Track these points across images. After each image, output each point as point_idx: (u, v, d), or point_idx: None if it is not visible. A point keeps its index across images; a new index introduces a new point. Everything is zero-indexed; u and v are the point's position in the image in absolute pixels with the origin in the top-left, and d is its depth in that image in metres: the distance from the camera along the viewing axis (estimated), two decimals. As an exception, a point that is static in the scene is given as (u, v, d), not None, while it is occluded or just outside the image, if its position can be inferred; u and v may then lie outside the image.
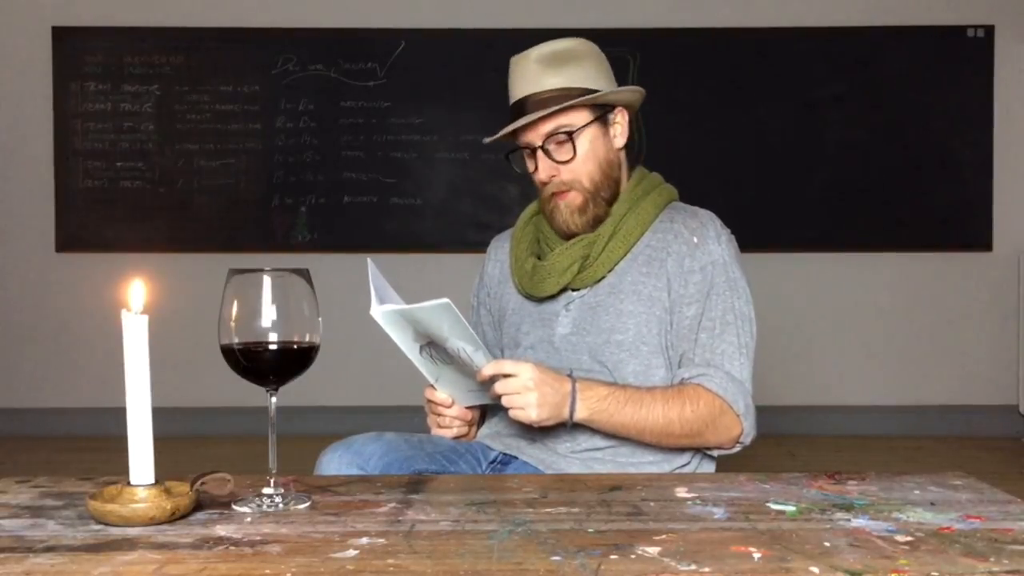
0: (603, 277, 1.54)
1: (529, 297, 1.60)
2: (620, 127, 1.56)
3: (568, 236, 1.56)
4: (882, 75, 4.54)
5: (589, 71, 1.51)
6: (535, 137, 1.51)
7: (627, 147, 1.59)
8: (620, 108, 1.56)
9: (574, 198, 1.52)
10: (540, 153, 1.51)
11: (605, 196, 1.54)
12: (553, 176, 1.51)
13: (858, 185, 4.55)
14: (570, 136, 1.49)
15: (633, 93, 1.56)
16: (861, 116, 4.55)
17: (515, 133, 1.54)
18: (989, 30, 4.52)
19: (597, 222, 1.54)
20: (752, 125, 4.54)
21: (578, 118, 1.50)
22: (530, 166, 1.56)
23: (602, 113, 1.53)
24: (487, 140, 1.62)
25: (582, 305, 1.55)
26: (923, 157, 4.54)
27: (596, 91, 1.50)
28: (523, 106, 1.50)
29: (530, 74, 1.50)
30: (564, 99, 1.47)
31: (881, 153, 4.54)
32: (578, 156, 1.50)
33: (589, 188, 1.52)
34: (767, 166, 4.55)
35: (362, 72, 4.59)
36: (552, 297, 1.57)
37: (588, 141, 1.51)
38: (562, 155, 1.50)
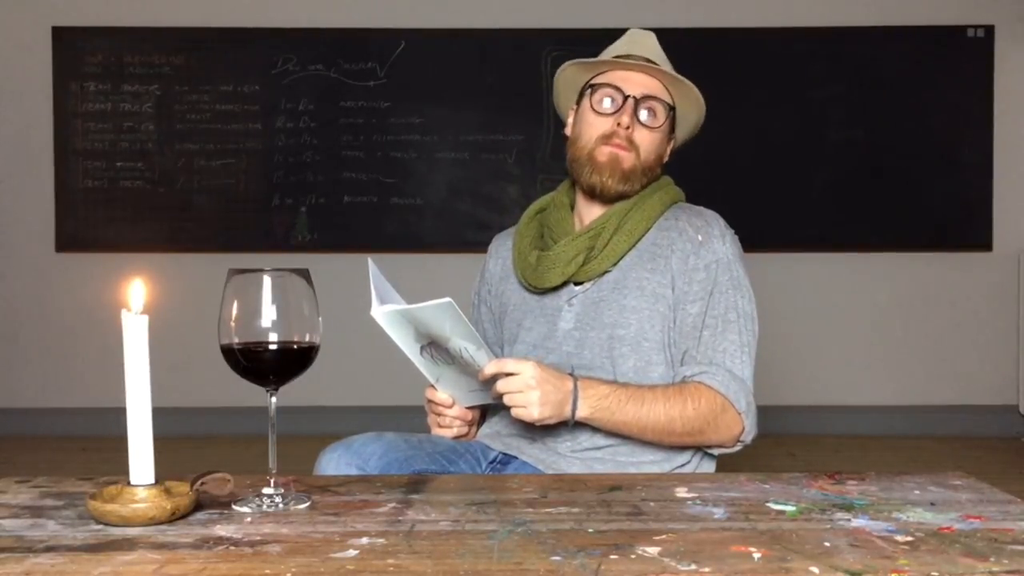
0: (607, 271, 1.54)
1: (532, 290, 1.60)
2: (668, 150, 1.63)
3: (593, 192, 1.56)
4: (882, 75, 4.54)
5: None
6: (634, 88, 1.54)
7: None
8: (672, 137, 1.63)
9: (627, 158, 1.54)
10: (631, 102, 1.53)
11: (643, 181, 1.57)
12: (629, 128, 1.53)
13: (858, 185, 4.55)
14: (667, 109, 1.56)
15: (692, 130, 1.67)
16: (861, 116, 4.55)
17: (598, 73, 1.57)
18: (989, 30, 4.52)
19: (623, 197, 1.56)
20: (752, 125, 4.54)
21: (664, 107, 1.57)
22: (598, 105, 1.55)
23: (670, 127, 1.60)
24: (580, 60, 1.61)
25: (585, 300, 1.55)
26: (923, 157, 4.54)
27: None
28: (634, 57, 1.57)
29: (655, 47, 1.60)
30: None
31: (881, 153, 4.54)
32: (659, 130, 1.55)
33: (643, 162, 1.55)
34: (767, 166, 4.55)
35: (362, 72, 4.59)
36: (555, 292, 1.58)
37: (663, 131, 1.57)
38: (651, 121, 1.55)
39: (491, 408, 1.62)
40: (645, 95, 1.54)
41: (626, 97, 1.53)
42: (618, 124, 1.53)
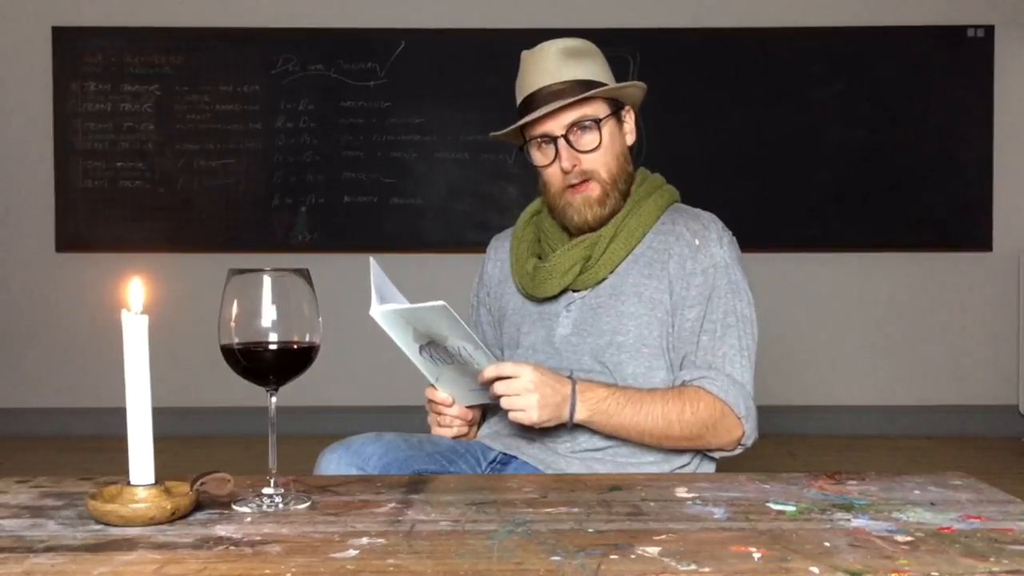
0: (604, 278, 1.54)
1: (530, 298, 1.60)
2: (629, 125, 1.58)
3: (582, 230, 1.54)
4: (882, 75, 4.54)
5: (603, 67, 1.54)
6: (556, 127, 1.49)
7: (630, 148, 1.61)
8: (629, 107, 1.58)
9: (593, 189, 1.51)
10: (562, 142, 1.49)
11: (622, 189, 1.54)
12: (575, 165, 1.50)
13: (858, 185, 4.55)
14: (597, 125, 1.49)
15: (641, 91, 1.58)
16: (861, 116, 4.55)
17: (528, 127, 1.53)
18: (989, 30, 4.52)
19: (613, 215, 1.54)
20: (752, 125, 4.53)
21: (600, 110, 1.51)
22: (541, 159, 1.53)
23: (616, 108, 1.54)
24: (496, 134, 1.61)
25: (583, 306, 1.55)
26: (923, 157, 4.54)
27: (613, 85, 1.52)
28: (538, 96, 1.50)
29: (549, 65, 1.50)
30: (585, 90, 1.48)
31: (881, 153, 4.55)
32: (602, 146, 1.50)
33: (607, 179, 1.52)
34: (767, 166, 4.55)
35: (362, 72, 4.59)
36: (553, 298, 1.57)
37: (608, 134, 1.52)
38: (586, 144, 1.50)
39: (491, 408, 1.62)
40: (570, 124, 1.48)
41: (554, 140, 1.50)
42: (564, 171, 1.51)
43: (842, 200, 4.55)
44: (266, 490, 1.03)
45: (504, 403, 1.37)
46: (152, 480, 0.96)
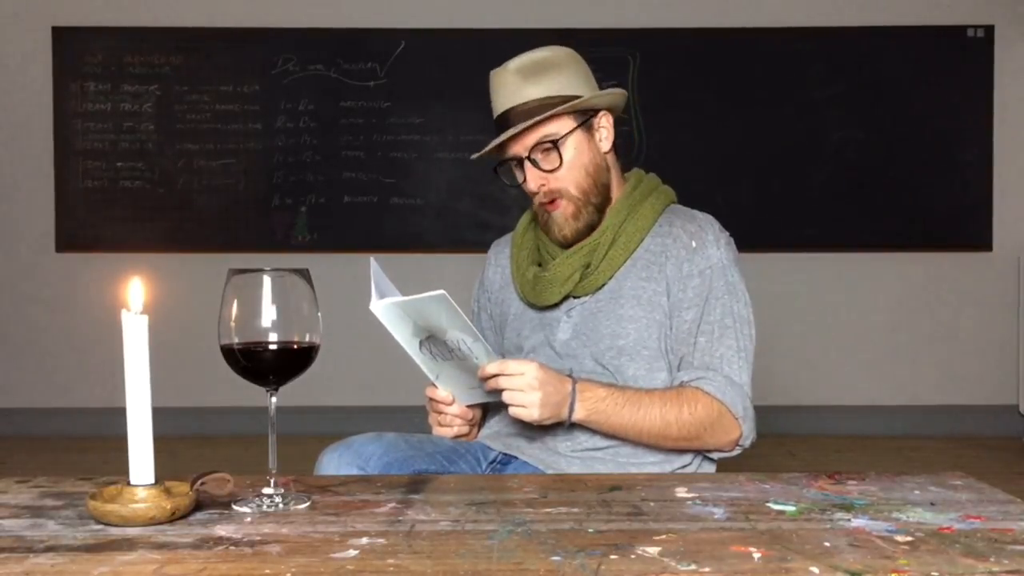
0: (604, 284, 1.54)
1: (530, 305, 1.61)
2: (605, 131, 1.55)
3: (565, 244, 1.56)
4: (882, 75, 4.54)
5: (569, 78, 1.51)
6: (521, 149, 1.50)
7: (615, 148, 1.59)
8: (603, 112, 1.55)
9: (565, 207, 1.52)
10: (527, 164, 1.50)
11: (595, 202, 1.54)
12: (542, 185, 1.51)
13: (858, 185, 4.55)
14: (555, 145, 1.48)
15: (614, 96, 1.55)
16: (861, 116, 4.55)
17: (502, 147, 1.53)
18: (989, 30, 4.52)
19: (590, 228, 1.54)
20: (752, 125, 4.53)
21: (562, 126, 1.49)
22: (519, 177, 1.55)
23: (585, 119, 1.52)
24: (474, 157, 1.61)
25: (583, 311, 1.55)
26: (923, 157, 4.54)
27: (577, 97, 1.49)
28: (506, 119, 1.50)
29: (510, 86, 1.50)
30: (545, 109, 1.47)
31: (881, 153, 4.54)
32: (564, 164, 1.49)
33: (578, 195, 1.51)
34: (767, 166, 4.55)
35: (362, 72, 4.59)
36: (553, 304, 1.57)
37: (573, 148, 1.50)
38: (548, 164, 1.50)
39: (491, 409, 1.62)
40: (534, 146, 1.48)
41: (520, 163, 1.51)
42: (532, 193, 1.53)
43: (842, 200, 4.55)
44: (266, 490, 1.03)
45: (507, 396, 1.37)
46: (152, 480, 0.96)
